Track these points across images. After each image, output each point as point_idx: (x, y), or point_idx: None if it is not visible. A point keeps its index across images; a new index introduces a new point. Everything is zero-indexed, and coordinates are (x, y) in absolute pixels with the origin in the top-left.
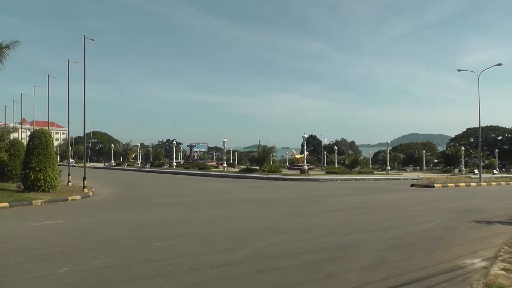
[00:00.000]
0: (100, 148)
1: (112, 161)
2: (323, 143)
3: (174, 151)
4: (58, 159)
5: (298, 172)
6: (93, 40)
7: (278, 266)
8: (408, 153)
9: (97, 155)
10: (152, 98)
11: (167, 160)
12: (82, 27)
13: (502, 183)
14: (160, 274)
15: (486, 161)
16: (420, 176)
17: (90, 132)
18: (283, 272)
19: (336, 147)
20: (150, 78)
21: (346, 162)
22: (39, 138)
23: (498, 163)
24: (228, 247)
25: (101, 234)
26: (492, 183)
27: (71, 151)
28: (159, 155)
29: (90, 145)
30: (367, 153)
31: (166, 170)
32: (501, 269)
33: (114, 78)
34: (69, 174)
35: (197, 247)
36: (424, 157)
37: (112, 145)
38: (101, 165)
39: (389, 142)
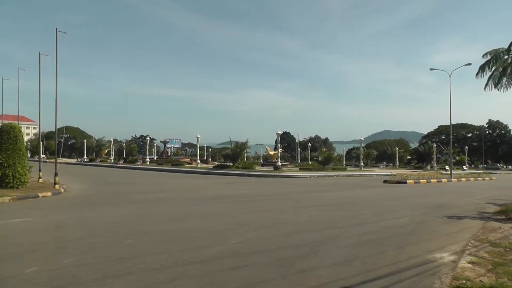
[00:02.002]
0: (72, 143)
1: (85, 157)
2: (297, 140)
3: (148, 147)
4: (29, 155)
5: (272, 168)
6: (65, 33)
7: (251, 262)
8: (382, 150)
9: (70, 150)
10: (125, 93)
11: (140, 156)
12: (54, 20)
13: (471, 179)
14: (132, 272)
15: (457, 158)
16: (393, 173)
17: (63, 127)
18: (256, 269)
19: (310, 144)
20: (123, 72)
21: (320, 158)
22: (8, 133)
23: (468, 160)
24: (201, 244)
25: (72, 231)
26: (462, 179)
27: (42, 146)
28: (133, 151)
29: (62, 140)
30: (341, 150)
31: (139, 166)
32: (468, 262)
33: (87, 72)
34: (39, 170)
35: (170, 244)
36: (397, 154)
37: (85, 141)
38: (74, 161)
39: (362, 139)
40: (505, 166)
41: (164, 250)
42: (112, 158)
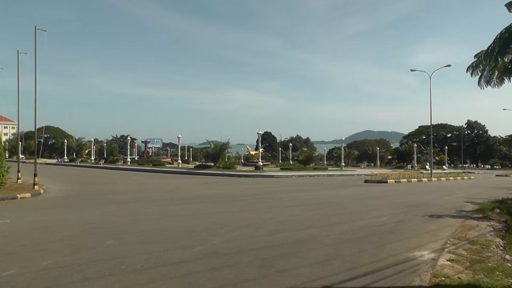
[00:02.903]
0: (52, 143)
1: (65, 157)
2: (278, 140)
3: (129, 147)
4: (7, 155)
5: (253, 168)
6: (45, 30)
7: (231, 262)
8: (363, 150)
9: (50, 151)
10: (106, 92)
11: (121, 156)
12: (34, 17)
13: (450, 178)
14: (112, 273)
15: (437, 158)
16: (374, 172)
17: (42, 127)
18: (236, 269)
19: (291, 144)
20: (103, 71)
21: (301, 158)
22: None
23: (448, 159)
24: (182, 244)
25: (51, 233)
26: (442, 178)
27: (20, 147)
28: (113, 151)
29: (42, 140)
30: (322, 150)
31: (120, 166)
32: (447, 260)
33: (68, 71)
34: (18, 171)
35: (150, 245)
36: (378, 154)
37: (65, 141)
38: (54, 161)
39: (343, 139)
40: (474, 166)
41: (145, 250)
42: (93, 158)
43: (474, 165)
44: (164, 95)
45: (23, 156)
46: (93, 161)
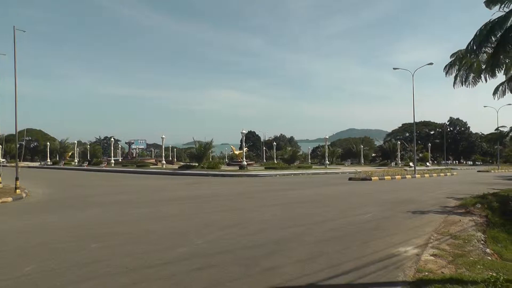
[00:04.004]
0: (35, 146)
1: (48, 160)
2: (262, 139)
3: (112, 148)
4: None
5: (237, 168)
6: (24, 31)
7: (216, 262)
8: (347, 148)
9: (32, 153)
10: (89, 93)
11: (105, 158)
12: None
13: (434, 174)
14: (96, 276)
15: (420, 155)
16: (358, 170)
17: (23, 130)
18: (221, 269)
19: (275, 143)
20: (86, 72)
21: (285, 157)
22: None
23: (431, 156)
24: (166, 246)
25: (34, 237)
26: (425, 175)
27: (1, 150)
28: (97, 152)
29: (23, 143)
30: (306, 148)
31: (104, 168)
32: (431, 255)
33: (48, 72)
34: None
35: (134, 246)
36: (362, 152)
37: (48, 143)
38: (36, 164)
39: (327, 137)
40: (456, 162)
41: (129, 252)
42: (76, 160)
43: (457, 162)
44: (147, 96)
45: (4, 159)
46: (76, 164)
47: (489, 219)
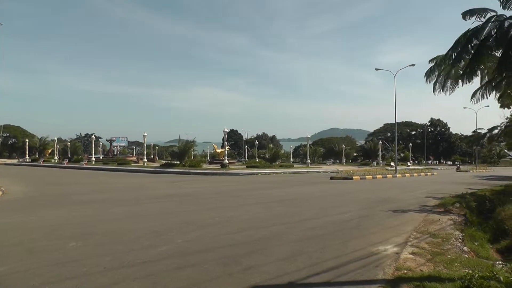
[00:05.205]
0: (12, 143)
1: (27, 157)
2: (244, 138)
3: (93, 145)
4: None
5: (219, 166)
6: (1, 24)
7: (196, 261)
8: (329, 147)
9: (10, 150)
10: (69, 89)
11: (86, 155)
12: None
13: (414, 174)
14: (74, 276)
15: (402, 154)
16: (340, 169)
17: (1, 126)
18: (201, 268)
19: (257, 142)
20: (67, 68)
21: (267, 156)
22: None
23: (412, 156)
24: (146, 245)
25: (10, 236)
26: (406, 174)
27: None
28: (78, 150)
29: (1, 139)
30: (288, 148)
31: (85, 166)
32: (410, 253)
33: (28, 67)
34: None
35: (114, 245)
36: (343, 151)
37: (27, 140)
38: (15, 161)
39: (309, 136)
40: (437, 162)
41: (108, 252)
42: (56, 158)
43: (437, 162)
44: (129, 93)
45: None
46: (56, 161)
47: (467, 218)
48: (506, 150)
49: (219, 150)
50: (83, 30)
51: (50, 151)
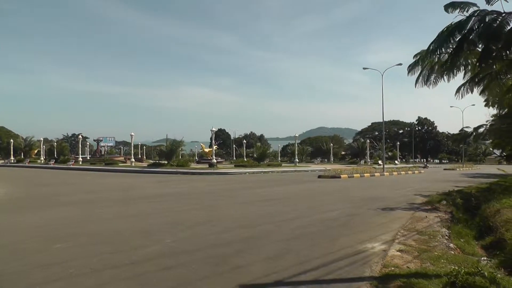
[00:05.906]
0: None
1: (12, 158)
2: (232, 137)
3: (80, 146)
4: None
5: (207, 166)
6: None
7: (185, 261)
8: (317, 146)
9: None
10: (56, 89)
11: (73, 155)
12: None
13: (402, 172)
14: (60, 278)
15: (390, 153)
16: (328, 168)
17: None
18: (190, 267)
19: (245, 141)
20: (53, 67)
21: (255, 155)
22: None
23: (399, 155)
24: (134, 245)
25: None
26: (394, 173)
27: None
28: (64, 150)
29: None
30: (276, 147)
31: (71, 166)
32: (397, 251)
33: (14, 66)
34: None
35: (101, 246)
36: (331, 150)
37: (12, 140)
38: (0, 162)
39: (297, 135)
40: (424, 160)
41: (95, 253)
42: (42, 158)
43: (424, 160)
44: (117, 92)
45: None
46: (43, 162)
47: (453, 215)
48: (491, 148)
49: (207, 150)
50: (71, 31)
51: (36, 151)
